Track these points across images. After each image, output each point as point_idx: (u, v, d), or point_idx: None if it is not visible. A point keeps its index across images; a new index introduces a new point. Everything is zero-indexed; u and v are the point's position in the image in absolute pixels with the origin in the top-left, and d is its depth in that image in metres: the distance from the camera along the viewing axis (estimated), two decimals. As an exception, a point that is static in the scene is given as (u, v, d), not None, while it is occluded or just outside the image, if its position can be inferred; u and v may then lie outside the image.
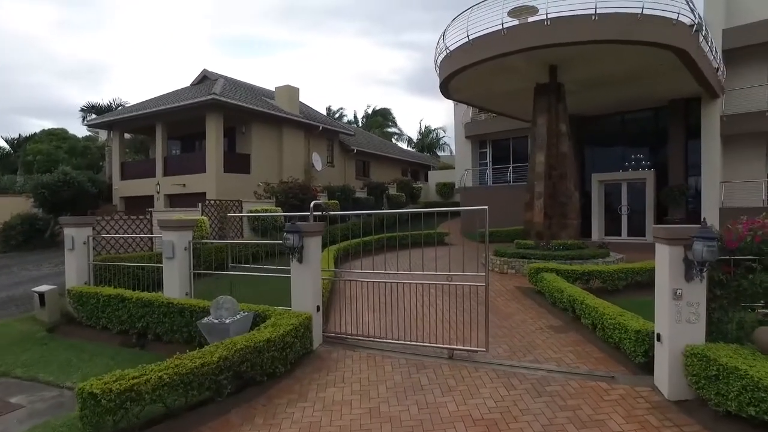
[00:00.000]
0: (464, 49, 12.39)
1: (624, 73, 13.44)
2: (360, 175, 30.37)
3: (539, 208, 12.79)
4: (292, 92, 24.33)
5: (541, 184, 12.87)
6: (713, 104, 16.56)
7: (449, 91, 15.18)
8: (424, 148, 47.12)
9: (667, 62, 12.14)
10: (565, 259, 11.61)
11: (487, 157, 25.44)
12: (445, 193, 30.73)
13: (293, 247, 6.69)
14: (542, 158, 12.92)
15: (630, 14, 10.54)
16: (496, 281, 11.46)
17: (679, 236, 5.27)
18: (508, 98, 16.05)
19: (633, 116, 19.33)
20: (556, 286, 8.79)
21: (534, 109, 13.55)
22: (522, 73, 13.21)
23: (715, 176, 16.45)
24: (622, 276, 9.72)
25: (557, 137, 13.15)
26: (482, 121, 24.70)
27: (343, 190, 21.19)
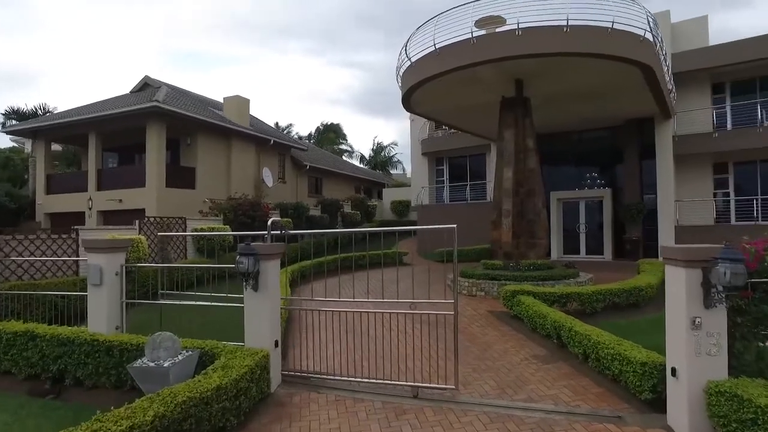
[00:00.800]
0: (430, 59, 11.79)
1: (588, 89, 13.29)
2: (313, 192, 29.26)
3: (507, 227, 12.26)
4: (241, 103, 23.05)
5: (509, 202, 12.36)
6: (666, 125, 16.87)
7: (411, 104, 14.55)
8: (377, 165, 46.59)
9: (631, 79, 12.04)
10: (537, 280, 11.06)
11: (444, 175, 25.06)
12: (401, 212, 30.12)
13: (247, 272, 5.63)
14: (510, 174, 12.44)
15: (601, 28, 10.30)
16: (467, 305, 10.73)
17: (697, 257, 4.67)
18: (472, 112, 15.63)
19: (590, 135, 19.49)
20: (536, 311, 8.12)
21: (500, 123, 13.11)
22: (488, 85, 12.78)
23: (670, 195, 16.66)
24: (600, 298, 9.22)
25: (524, 153, 12.74)
26: (439, 138, 24.37)
27: (297, 208, 20.05)
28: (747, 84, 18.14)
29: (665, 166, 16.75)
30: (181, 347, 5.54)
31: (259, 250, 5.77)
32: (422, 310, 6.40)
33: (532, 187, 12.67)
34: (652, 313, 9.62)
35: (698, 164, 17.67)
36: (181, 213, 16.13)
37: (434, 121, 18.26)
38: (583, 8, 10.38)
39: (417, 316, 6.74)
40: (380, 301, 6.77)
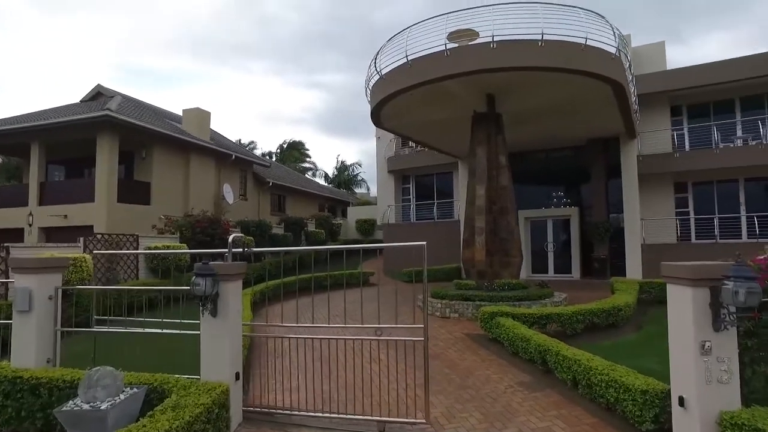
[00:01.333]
0: (402, 71, 11.43)
1: (558, 106, 13.25)
2: (276, 210, 28.33)
3: (480, 245, 11.88)
4: (202, 116, 22.09)
5: (482, 219, 12.01)
6: (631, 144, 17.12)
7: (381, 119, 14.14)
8: (341, 184, 46.02)
9: (601, 97, 12.06)
10: (513, 301, 10.67)
11: (410, 193, 24.73)
12: (366, 230, 29.55)
13: (205, 295, 4.91)
14: (482, 191, 12.13)
15: (575, 43, 10.21)
16: (441, 327, 10.19)
17: (706, 275, 4.30)
18: (442, 128, 15.36)
19: (557, 154, 19.61)
20: (518, 334, 7.66)
21: (472, 139, 12.85)
22: (460, 100, 12.52)
23: (636, 213, 16.81)
24: (580, 318, 8.88)
25: (497, 169, 12.49)
26: (406, 156, 24.11)
27: (259, 226, 19.15)
28: (702, 107, 18.76)
29: (631, 185, 16.93)
30: (125, 383, 4.73)
31: (218, 270, 5.07)
32: (390, 336, 5.84)
33: (505, 205, 12.39)
34: (631, 333, 9.37)
35: (661, 184, 18.00)
36: (135, 230, 15.00)
37: (403, 137, 17.95)
38: (555, 24, 10.29)
39: (391, 341, 6.16)
40: (351, 326, 6.15)
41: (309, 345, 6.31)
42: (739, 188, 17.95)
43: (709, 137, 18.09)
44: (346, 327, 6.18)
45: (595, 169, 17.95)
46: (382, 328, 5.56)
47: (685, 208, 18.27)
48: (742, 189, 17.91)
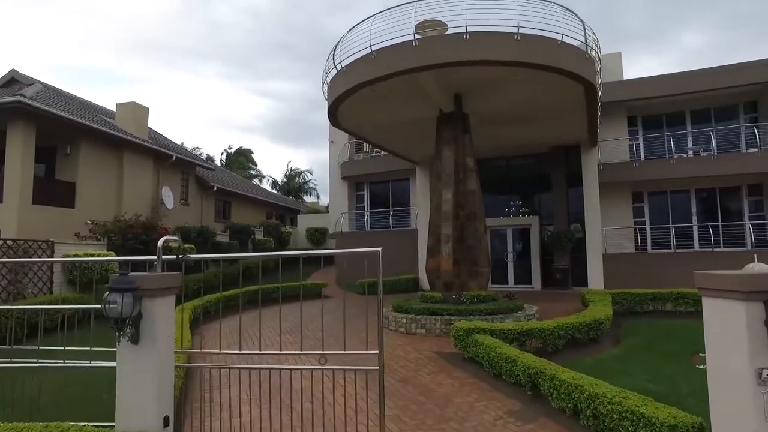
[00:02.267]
0: (365, 63, 10.43)
1: (526, 108, 12.66)
2: (220, 217, 26.46)
3: (447, 254, 10.99)
4: (138, 112, 20.09)
5: (448, 226, 11.14)
6: (592, 152, 16.93)
7: (338, 117, 13.05)
8: (291, 191, 44.34)
9: (571, 98, 11.56)
10: (484, 314, 9.82)
11: (364, 200, 23.70)
12: (317, 239, 28.22)
13: (122, 317, 3.64)
14: (449, 196, 11.28)
15: (551, 39, 9.61)
16: (407, 345, 9.16)
17: (761, 287, 3.52)
18: (404, 130, 14.46)
19: (518, 162, 19.20)
20: (501, 354, 6.74)
21: (438, 140, 12.02)
22: (425, 98, 11.67)
23: (597, 223, 16.56)
24: (562, 333, 8.11)
25: (465, 172, 11.70)
26: (360, 161, 23.08)
27: (202, 233, 17.48)
28: (656, 119, 19.00)
29: (592, 193, 16.69)
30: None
31: (141, 284, 3.82)
32: (338, 365, 4.78)
33: (473, 210, 11.60)
34: (612, 348, 8.72)
35: (620, 193, 17.95)
36: (55, 236, 13.05)
37: (361, 139, 16.90)
38: (530, 17, 9.63)
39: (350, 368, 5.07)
40: (302, 353, 5.01)
41: (257, 376, 5.09)
42: (691, 198, 18.21)
43: (663, 148, 18.31)
44: (294, 353, 5.00)
45: (556, 177, 17.64)
46: (327, 355, 4.43)
47: (641, 218, 18.32)
48: (694, 199, 18.17)
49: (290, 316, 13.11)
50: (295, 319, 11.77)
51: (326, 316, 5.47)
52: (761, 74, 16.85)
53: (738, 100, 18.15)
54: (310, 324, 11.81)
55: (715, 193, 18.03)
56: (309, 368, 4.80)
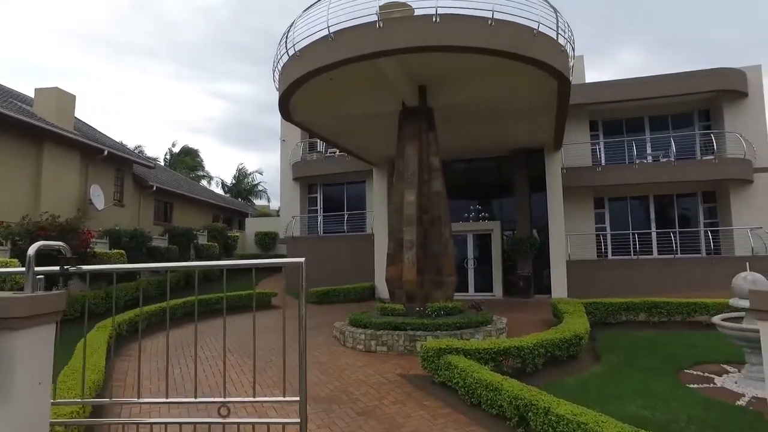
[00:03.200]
0: (321, 46, 9.28)
1: (494, 104, 11.84)
2: (161, 219, 24.38)
3: (411, 262, 9.95)
4: (63, 99, 17.88)
5: (411, 231, 10.11)
6: (556, 156, 16.44)
7: (290, 110, 11.79)
8: (240, 194, 42.24)
9: (543, 94, 10.84)
10: (452, 329, 8.83)
11: (317, 203, 22.39)
12: (267, 244, 26.59)
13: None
14: (413, 198, 10.26)
15: (527, 27, 8.80)
16: (368, 366, 8.01)
17: None
18: (362, 126, 13.34)
19: (479, 165, 18.48)
20: (481, 380, 5.72)
21: (400, 137, 11.00)
22: (386, 90, 10.63)
23: (561, 228, 16.04)
24: (542, 351, 7.22)
25: (429, 172, 10.73)
26: (313, 162, 21.77)
27: (135, 236, 15.61)
28: (616, 124, 18.87)
29: (556, 198, 16.17)
30: None
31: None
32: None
33: (438, 214, 10.63)
34: (593, 366, 7.90)
35: (582, 198, 17.60)
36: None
37: (315, 135, 15.58)
38: (506, 4, 8.77)
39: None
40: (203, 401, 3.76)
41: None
42: (650, 205, 18.12)
43: (624, 153, 18.18)
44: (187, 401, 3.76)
45: (519, 181, 17.02)
46: (230, 402, 3.23)
47: (602, 224, 18.04)
48: (653, 206, 18.10)
49: (237, 330, 11.71)
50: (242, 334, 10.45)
51: (274, 332, 4.27)
52: (711, 83, 16.97)
53: (692, 108, 18.27)
54: (259, 339, 10.47)
55: (673, 199, 18.03)
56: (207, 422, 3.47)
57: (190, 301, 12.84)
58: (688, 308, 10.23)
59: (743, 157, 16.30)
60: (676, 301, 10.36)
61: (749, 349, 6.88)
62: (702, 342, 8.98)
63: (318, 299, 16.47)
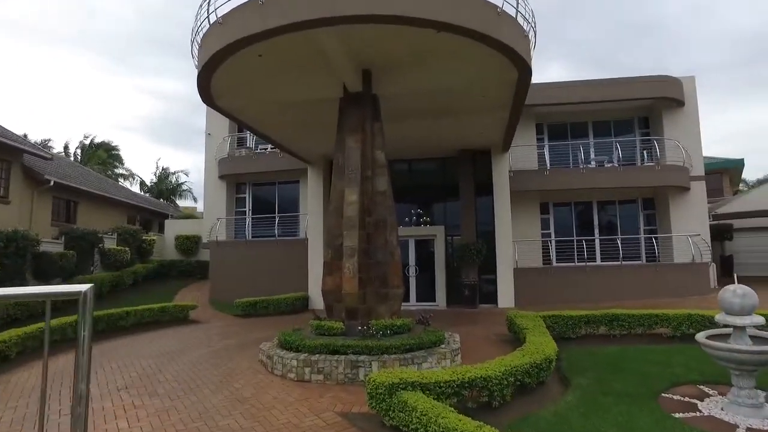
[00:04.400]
0: (250, 12, 7.66)
1: (446, 94, 10.68)
2: (62, 219, 21.22)
3: (352, 271, 8.51)
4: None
5: (353, 236, 8.68)
6: (503, 158, 15.67)
7: (212, 92, 10.00)
8: (162, 193, 38.79)
9: (502, 85, 9.84)
10: (401, 352, 7.49)
11: (246, 204, 20.38)
12: (188, 249, 24.05)
13: None
14: (355, 197, 8.84)
15: (491, 4, 7.69)
16: (301, 401, 6.45)
17: None
18: (296, 117, 11.76)
19: (422, 166, 17.36)
20: (447, 429, 4.39)
21: (341, 127, 9.56)
22: (327, 70, 9.15)
23: (508, 234, 15.27)
24: (511, 381, 6.03)
25: (373, 169, 9.36)
26: (242, 159, 19.74)
27: (12, 239, 12.88)
28: (561, 127, 18.52)
29: (503, 202, 15.39)
30: None
31: None
32: None
33: (383, 217, 9.27)
34: (564, 393, 6.79)
35: (529, 203, 16.98)
36: None
37: (244, 125, 13.57)
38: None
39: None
40: None
41: None
42: (593, 211, 17.86)
43: (569, 158, 17.84)
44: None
45: (465, 183, 16.04)
46: None
47: (546, 230, 17.53)
48: (596, 212, 17.85)
49: (143, 353, 9.70)
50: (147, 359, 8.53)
51: (192, 353, 2.72)
52: (652, 89, 16.99)
53: (633, 115, 18.28)
54: (169, 366, 8.59)
55: (615, 205, 17.89)
56: None
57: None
58: (649, 320, 9.56)
59: (682, 164, 16.36)
60: (637, 314, 9.67)
61: (738, 371, 6.06)
62: (669, 359, 8.24)
63: (245, 311, 14.62)
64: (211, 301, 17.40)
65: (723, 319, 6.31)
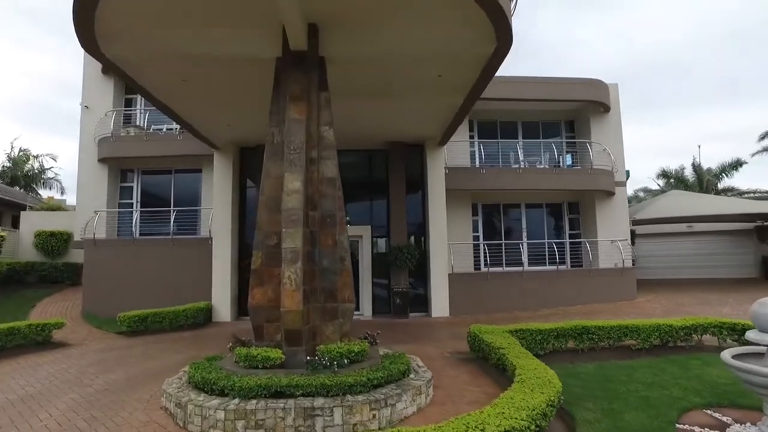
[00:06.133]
0: None
1: (398, 66, 8.96)
2: None
3: (294, 282, 6.43)
4: None
5: (296, 235, 6.61)
6: (439, 153, 14.38)
7: (96, 30, 7.29)
8: (17, 181, 32.38)
9: (469, 61, 8.41)
10: (369, 389, 5.63)
11: (134, 195, 16.93)
12: (54, 249, 19.66)
13: None
14: (298, 184, 6.78)
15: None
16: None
17: None
18: (214, 79, 9.28)
19: (348, 159, 15.25)
20: None
21: (277, 95, 7.46)
22: (260, 13, 6.98)
23: (443, 236, 13.98)
24: (533, 428, 4.48)
25: (320, 150, 7.37)
26: (130, 139, 16.22)
27: None
28: (491, 125, 17.77)
29: (438, 201, 14.08)
30: None
31: None
32: None
33: (331, 212, 7.31)
34: (576, 438, 5.47)
35: (460, 203, 15.86)
36: None
37: (137, 89, 9.99)
38: None
39: None
40: None
41: None
42: (522, 214, 17.32)
43: (498, 157, 17.15)
44: None
45: (395, 180, 14.43)
46: None
47: (476, 232, 16.58)
48: (524, 215, 17.33)
49: None
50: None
51: (55, 401, 0.64)
52: (582, 92, 16.84)
53: (560, 118, 18.10)
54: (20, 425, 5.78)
55: (543, 208, 17.51)
56: None
57: None
58: (618, 332, 8.72)
59: (611, 169, 16.36)
60: (607, 325, 8.78)
61: (777, 400, 5.13)
62: (656, 378, 7.33)
63: (132, 328, 11.66)
64: (86, 314, 13.94)
65: (760, 338, 5.35)
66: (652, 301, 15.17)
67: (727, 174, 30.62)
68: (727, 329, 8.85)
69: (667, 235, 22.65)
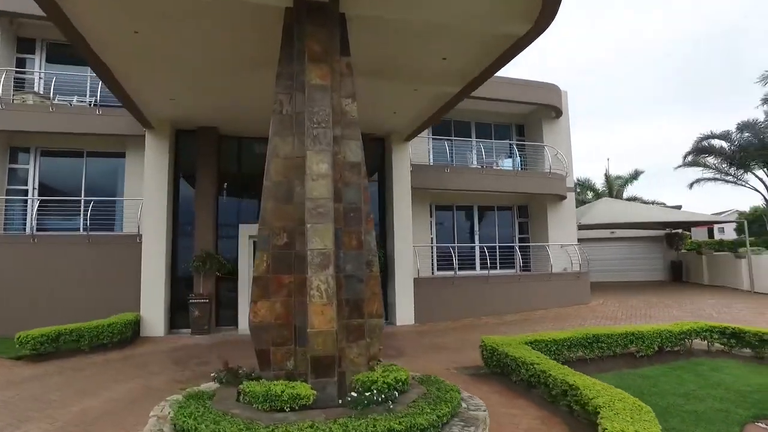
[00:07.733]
0: None
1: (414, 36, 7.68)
2: None
3: (326, 294, 4.99)
4: None
5: (326, 232, 5.19)
6: (404, 148, 13.35)
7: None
8: None
9: (497, 38, 7.48)
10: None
11: (29, 180, 13.65)
12: None
13: None
14: (326, 166, 5.36)
15: None
16: None
17: None
18: (184, 31, 7.34)
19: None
20: None
21: (291, 53, 5.90)
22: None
23: (408, 237, 12.98)
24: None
25: (343, 128, 5.95)
26: (26, 108, 12.85)
27: None
28: (444, 123, 17.10)
29: (403, 200, 13.04)
30: None
31: None
32: None
33: (356, 204, 5.93)
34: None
35: (422, 203, 14.97)
36: None
37: (72, 34, 7.10)
38: None
39: None
40: None
41: None
42: (474, 216, 16.87)
43: (453, 157, 16.51)
44: None
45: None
46: None
47: (430, 234, 15.79)
48: (477, 217, 16.89)
49: None
50: None
51: None
52: (534, 94, 16.77)
53: (511, 121, 18.01)
54: None
55: (494, 211, 17.22)
56: None
57: None
58: (624, 339, 8.37)
59: (564, 174, 16.48)
60: (615, 333, 8.38)
61: None
62: (684, 387, 6.97)
63: (37, 350, 9.03)
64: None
65: None
66: (605, 304, 15.47)
67: (629, 183, 33.31)
68: (717, 333, 8.95)
69: (594, 240, 23.75)
